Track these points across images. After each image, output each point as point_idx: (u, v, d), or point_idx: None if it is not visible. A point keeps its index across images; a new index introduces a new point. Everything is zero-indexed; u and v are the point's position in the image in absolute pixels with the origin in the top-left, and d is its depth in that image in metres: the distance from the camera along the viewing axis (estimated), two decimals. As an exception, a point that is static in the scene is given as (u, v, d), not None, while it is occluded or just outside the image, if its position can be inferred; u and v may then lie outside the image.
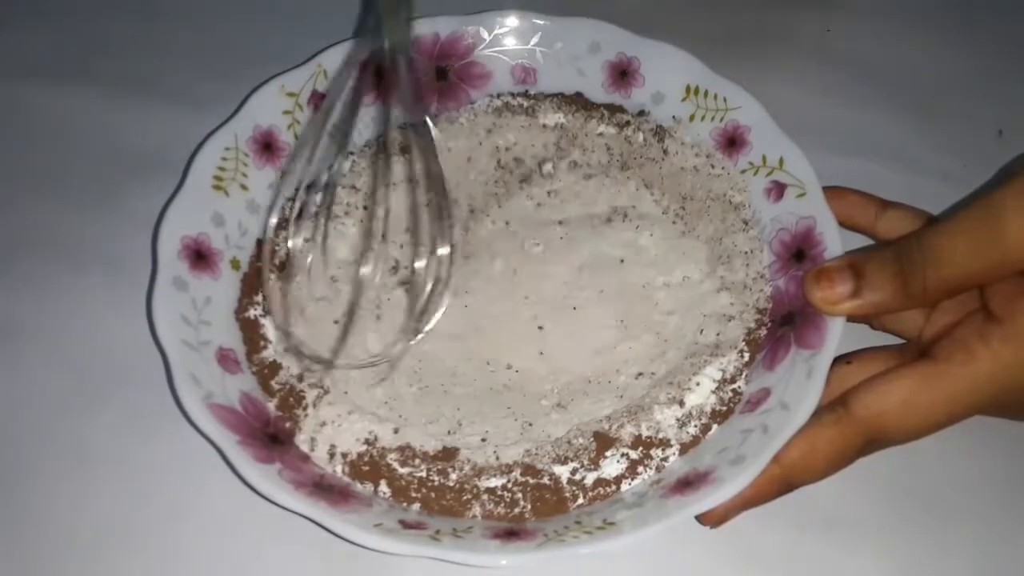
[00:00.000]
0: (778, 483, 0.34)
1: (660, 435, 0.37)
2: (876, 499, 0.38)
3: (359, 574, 0.36)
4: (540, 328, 0.41)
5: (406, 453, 0.37)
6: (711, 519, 0.34)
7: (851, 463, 0.35)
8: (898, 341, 0.40)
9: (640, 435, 0.37)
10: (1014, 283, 0.34)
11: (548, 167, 0.45)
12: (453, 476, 0.36)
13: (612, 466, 0.36)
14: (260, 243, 0.41)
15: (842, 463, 0.35)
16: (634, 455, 0.37)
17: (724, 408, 0.37)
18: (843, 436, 0.34)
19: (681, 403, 0.38)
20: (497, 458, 0.37)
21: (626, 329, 0.41)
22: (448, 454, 0.37)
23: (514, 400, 0.39)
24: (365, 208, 0.43)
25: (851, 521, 0.37)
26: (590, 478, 0.36)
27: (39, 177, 0.47)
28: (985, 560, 0.37)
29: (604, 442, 0.37)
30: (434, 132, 0.35)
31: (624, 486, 0.36)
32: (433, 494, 0.36)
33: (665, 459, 0.36)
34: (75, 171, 0.47)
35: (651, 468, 0.36)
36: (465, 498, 0.36)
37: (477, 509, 0.35)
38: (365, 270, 0.39)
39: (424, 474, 0.36)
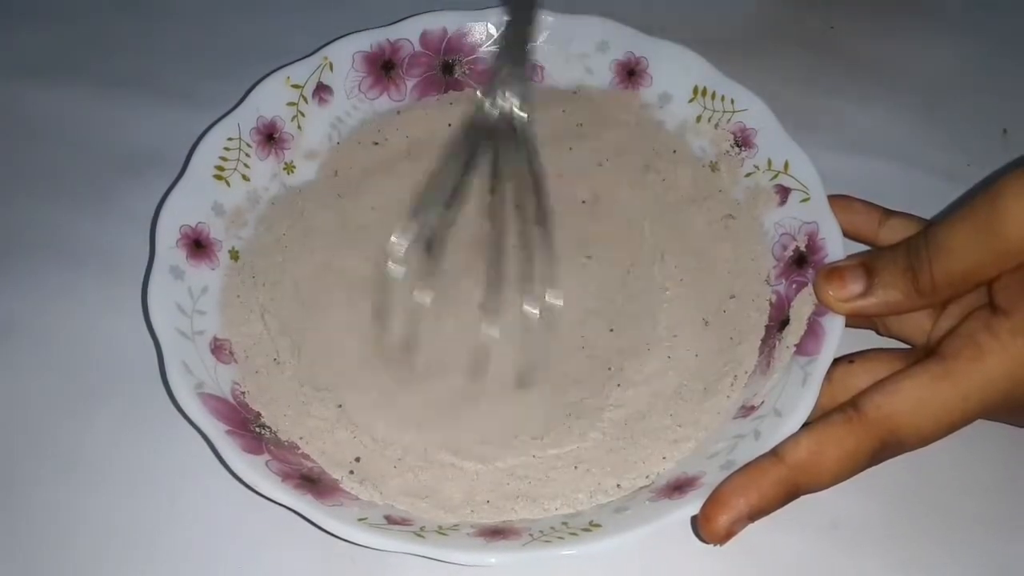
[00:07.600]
0: (784, 486, 0.32)
1: None
2: (880, 502, 0.37)
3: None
4: None
5: None
6: (716, 536, 0.32)
7: (862, 470, 0.33)
8: (905, 347, 0.39)
9: None
10: (1020, 276, 0.33)
11: None
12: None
13: None
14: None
15: (852, 466, 0.33)
16: None
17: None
18: (853, 435, 0.32)
19: None
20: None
21: None
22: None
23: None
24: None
25: (854, 524, 0.37)
26: None
27: (37, 176, 0.47)
28: (992, 564, 0.36)
29: None
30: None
31: None
32: None
33: None
34: (73, 170, 0.47)
35: None
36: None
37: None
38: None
39: None
